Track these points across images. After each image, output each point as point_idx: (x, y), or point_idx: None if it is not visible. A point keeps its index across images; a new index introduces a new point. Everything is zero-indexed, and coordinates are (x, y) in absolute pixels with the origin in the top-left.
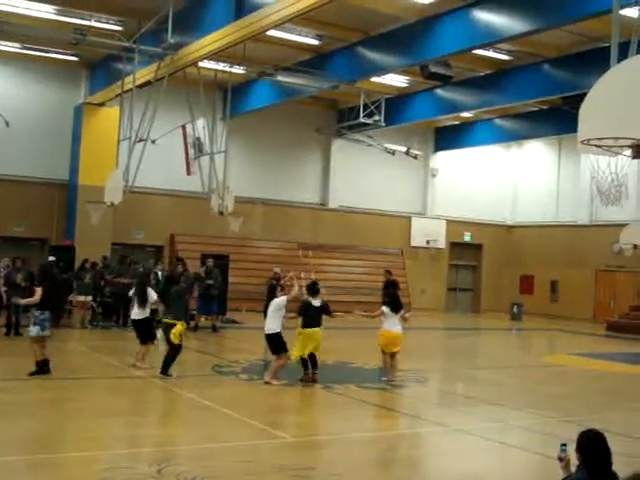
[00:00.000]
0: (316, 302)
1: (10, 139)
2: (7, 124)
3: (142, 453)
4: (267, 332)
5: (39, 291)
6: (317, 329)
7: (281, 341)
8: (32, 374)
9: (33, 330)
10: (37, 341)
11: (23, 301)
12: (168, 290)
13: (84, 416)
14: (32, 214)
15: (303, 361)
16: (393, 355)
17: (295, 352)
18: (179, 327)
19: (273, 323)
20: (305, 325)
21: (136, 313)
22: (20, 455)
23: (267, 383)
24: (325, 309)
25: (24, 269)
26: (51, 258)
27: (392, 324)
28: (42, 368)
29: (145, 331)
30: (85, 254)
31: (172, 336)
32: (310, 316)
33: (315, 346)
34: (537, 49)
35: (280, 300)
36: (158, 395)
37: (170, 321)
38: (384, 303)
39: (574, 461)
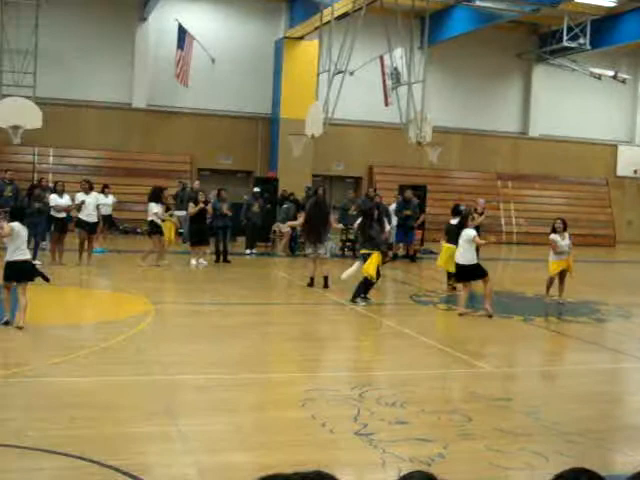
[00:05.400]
0: (454, 221)
1: (216, 75)
2: (213, 61)
3: (343, 377)
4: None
5: (302, 217)
6: (453, 246)
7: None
8: (308, 285)
9: (307, 250)
10: (311, 259)
11: (286, 224)
12: (364, 223)
13: (285, 339)
14: (238, 147)
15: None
16: (563, 279)
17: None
18: (375, 258)
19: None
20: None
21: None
22: (229, 374)
23: (461, 315)
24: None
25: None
26: (256, 189)
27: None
28: (312, 281)
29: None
30: (287, 185)
31: (368, 267)
32: (449, 234)
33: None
34: None
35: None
36: (356, 321)
37: (367, 251)
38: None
39: None
